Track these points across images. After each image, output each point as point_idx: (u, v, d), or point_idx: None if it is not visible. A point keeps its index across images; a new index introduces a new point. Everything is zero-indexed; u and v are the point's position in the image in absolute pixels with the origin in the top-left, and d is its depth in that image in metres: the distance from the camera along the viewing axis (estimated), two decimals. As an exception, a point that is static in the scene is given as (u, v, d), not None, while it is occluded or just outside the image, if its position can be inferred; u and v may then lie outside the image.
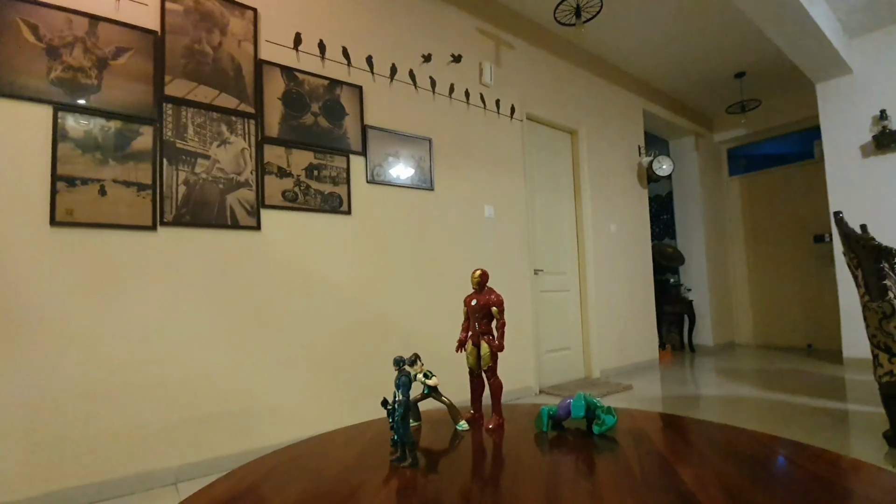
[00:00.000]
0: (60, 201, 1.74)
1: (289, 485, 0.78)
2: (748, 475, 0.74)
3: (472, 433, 1.03)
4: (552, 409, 1.04)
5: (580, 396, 1.02)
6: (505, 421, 1.08)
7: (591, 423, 1.00)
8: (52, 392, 1.69)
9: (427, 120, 2.93)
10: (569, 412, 1.02)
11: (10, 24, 1.70)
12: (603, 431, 0.97)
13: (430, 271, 2.83)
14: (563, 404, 1.03)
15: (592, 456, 0.86)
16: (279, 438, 2.16)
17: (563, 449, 0.91)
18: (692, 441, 0.92)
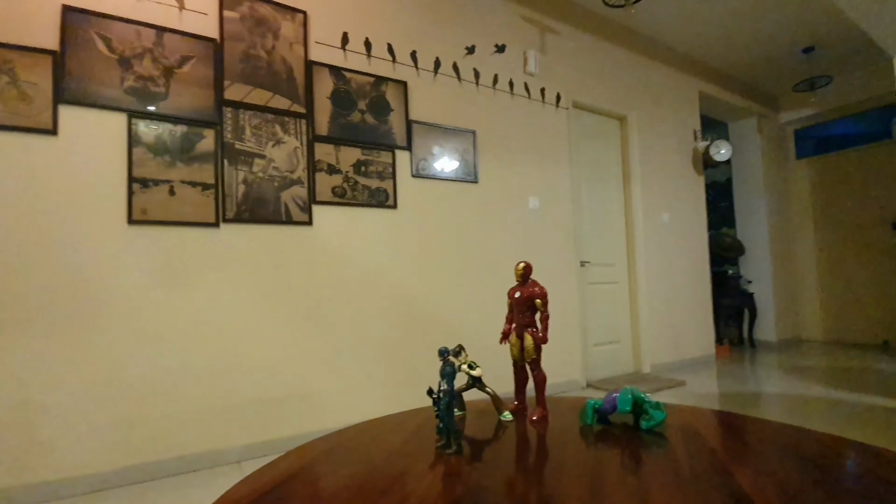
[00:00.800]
0: (136, 201, 1.90)
1: (341, 466, 0.83)
2: (811, 478, 0.71)
3: (515, 424, 1.04)
4: (597, 402, 1.03)
5: (627, 390, 1.01)
6: (549, 413, 1.08)
7: (638, 419, 0.99)
8: (130, 375, 1.87)
9: (471, 112, 2.94)
10: (615, 406, 1.01)
11: (87, 39, 1.87)
12: (651, 427, 0.96)
13: (474, 263, 2.84)
14: (608, 398, 1.03)
15: (639, 451, 0.85)
16: (330, 423, 2.27)
17: (608, 443, 0.90)
18: (749, 440, 0.89)
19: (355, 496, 0.71)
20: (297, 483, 0.77)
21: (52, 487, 1.71)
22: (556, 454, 0.87)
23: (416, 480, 0.75)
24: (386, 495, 0.70)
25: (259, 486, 0.77)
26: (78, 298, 1.80)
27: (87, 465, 1.78)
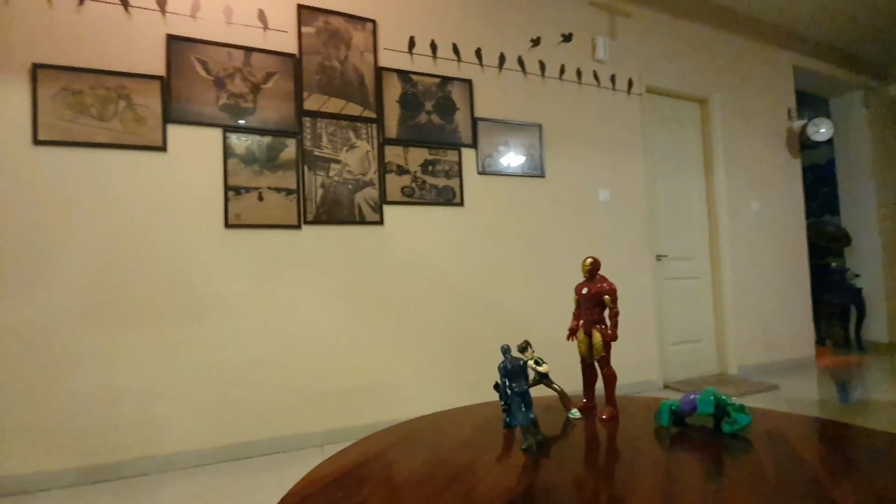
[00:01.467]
0: (231, 208, 2.12)
1: (412, 453, 0.88)
2: (917, 495, 0.64)
3: (584, 422, 1.04)
4: (674, 403, 1.00)
5: (708, 391, 0.96)
6: (620, 413, 1.06)
7: (719, 422, 0.94)
8: (227, 363, 2.09)
9: (537, 105, 2.90)
10: (694, 408, 0.96)
11: (188, 64, 2.10)
12: (734, 431, 0.91)
13: (541, 259, 2.82)
14: (686, 399, 0.99)
15: (720, 456, 0.82)
16: (402, 414, 2.38)
17: (685, 446, 0.87)
18: (849, 451, 0.82)
19: (426, 481, 0.76)
20: (372, 466, 0.84)
21: (166, 460, 1.97)
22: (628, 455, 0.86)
23: (483, 470, 0.79)
24: (455, 483, 0.74)
25: (339, 467, 0.84)
26: (184, 296, 2.04)
27: (192, 442, 2.02)
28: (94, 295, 1.92)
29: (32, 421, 1.81)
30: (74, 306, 1.89)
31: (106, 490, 1.80)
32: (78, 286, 1.90)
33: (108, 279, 1.94)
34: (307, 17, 2.33)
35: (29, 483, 1.78)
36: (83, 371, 1.88)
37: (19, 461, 1.79)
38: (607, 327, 1.08)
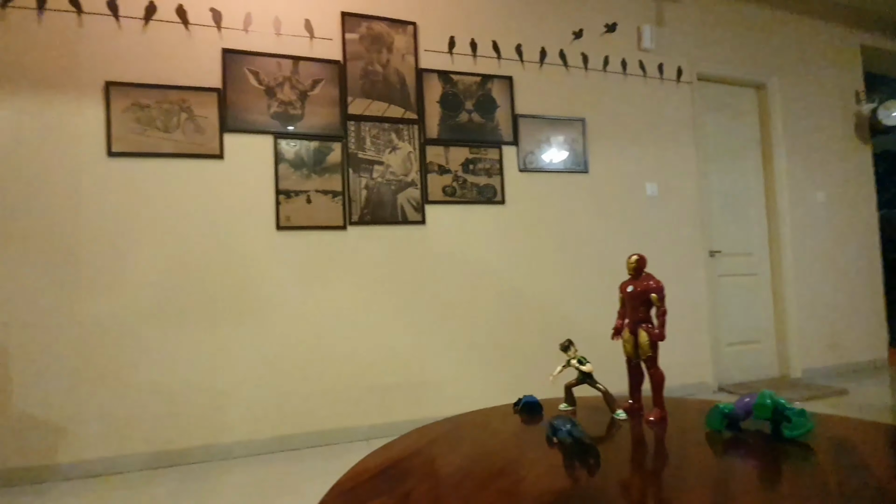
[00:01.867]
0: (282, 210, 2.23)
1: (455, 449, 0.90)
2: None
3: (630, 423, 1.02)
4: (728, 406, 0.96)
5: (765, 394, 0.91)
6: (668, 415, 1.04)
7: (777, 427, 0.89)
8: (281, 358, 2.20)
9: (579, 99, 2.84)
10: (749, 411, 0.92)
11: (241, 75, 2.22)
12: (795, 436, 0.86)
13: (585, 256, 2.76)
14: (741, 402, 0.94)
15: (777, 463, 0.78)
16: (445, 410, 2.41)
17: (739, 451, 0.84)
18: (920, 462, 0.76)
19: (468, 477, 0.78)
20: (416, 460, 0.86)
21: (226, 448, 2.10)
22: (677, 458, 0.84)
23: (525, 469, 0.79)
24: (497, 479, 0.76)
25: (384, 459, 0.87)
26: (240, 294, 2.17)
27: (249, 432, 2.14)
28: (162, 293, 2.08)
29: (110, 408, 1.99)
30: (145, 303, 2.05)
31: (173, 475, 1.94)
32: (148, 285, 2.06)
33: (174, 278, 2.09)
34: (351, 23, 2.40)
35: (108, 465, 1.96)
36: (153, 363, 2.05)
37: (99, 445, 1.97)
38: (654, 326, 1.06)
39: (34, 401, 1.91)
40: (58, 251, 1.98)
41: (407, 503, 0.68)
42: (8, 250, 1.92)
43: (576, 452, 0.83)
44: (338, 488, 0.75)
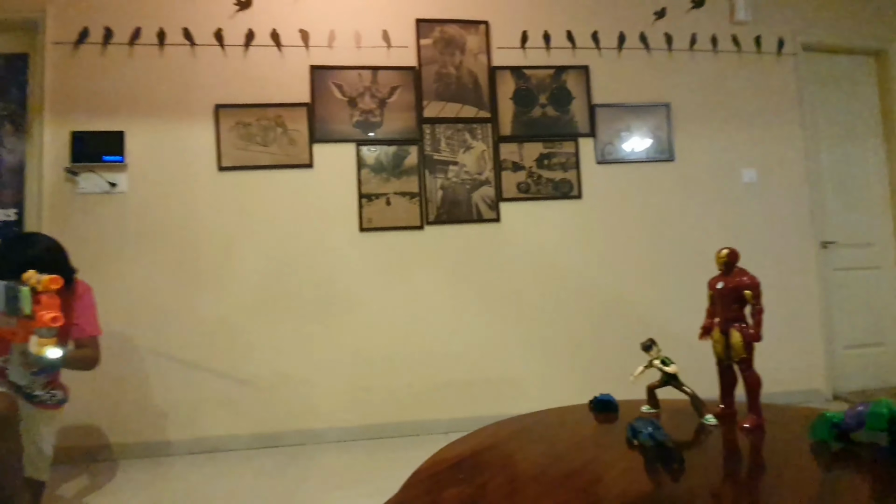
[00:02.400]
0: (364, 213, 2.38)
1: (530, 445, 0.92)
2: None
3: (721, 430, 0.96)
4: (837, 415, 0.87)
5: (881, 403, 0.81)
6: (766, 422, 0.96)
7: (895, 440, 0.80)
8: (365, 352, 2.35)
9: (663, 83, 2.67)
10: (862, 421, 0.83)
11: (327, 89, 2.40)
12: (917, 454, 0.77)
13: (671, 251, 2.60)
14: (852, 411, 0.85)
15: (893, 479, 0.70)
16: (522, 407, 2.38)
17: (847, 464, 0.77)
18: None
19: (545, 472, 0.79)
20: (492, 454, 0.89)
21: (318, 433, 2.29)
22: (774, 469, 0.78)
23: (602, 469, 0.79)
24: (572, 478, 0.76)
25: (461, 451, 0.91)
26: (328, 293, 2.35)
27: (338, 419, 2.31)
28: (262, 291, 2.31)
29: (223, 392, 2.26)
30: (249, 300, 2.30)
31: (273, 454, 2.16)
32: (251, 284, 2.31)
33: (273, 279, 2.32)
34: (424, 29, 2.48)
35: (221, 443, 2.24)
36: (256, 354, 2.29)
37: (214, 425, 2.25)
38: (749, 326, 0.99)
39: (159, 385, 2.23)
40: (179, 256, 2.28)
41: (483, 494, 0.72)
42: (143, 256, 2.26)
43: (658, 456, 0.81)
44: (418, 475, 0.81)
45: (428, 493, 0.74)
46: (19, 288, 1.33)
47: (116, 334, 2.20)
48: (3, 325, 1.35)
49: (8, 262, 1.50)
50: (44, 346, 1.30)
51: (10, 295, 1.33)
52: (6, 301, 1.33)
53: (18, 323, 1.36)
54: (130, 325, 2.22)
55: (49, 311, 1.31)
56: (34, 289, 1.33)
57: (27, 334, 1.33)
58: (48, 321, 1.30)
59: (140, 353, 2.23)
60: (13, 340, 1.36)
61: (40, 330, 1.31)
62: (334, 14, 2.44)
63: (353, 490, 1.74)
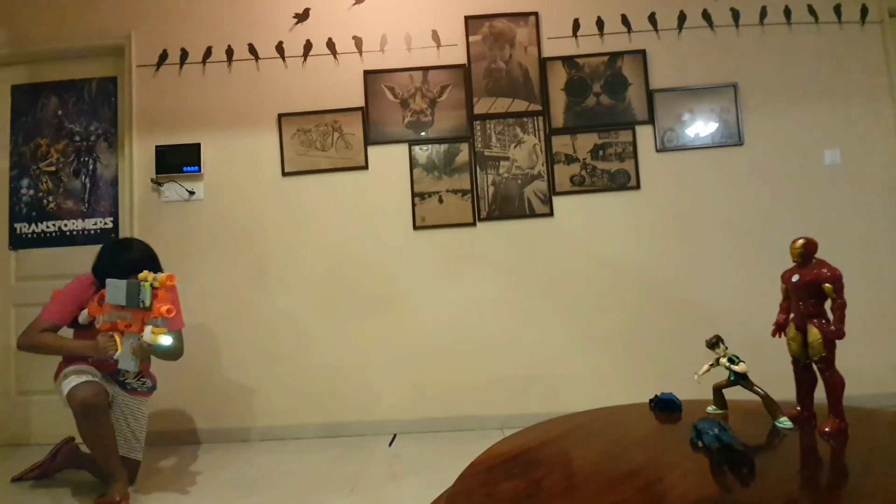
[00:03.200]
0: (417, 211, 2.43)
1: (587, 443, 0.91)
2: None
3: (798, 433, 0.90)
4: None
5: None
6: (849, 427, 0.89)
7: None
8: (421, 348, 2.40)
9: (729, 63, 2.49)
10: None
11: (379, 92, 2.47)
12: None
13: (740, 241, 2.42)
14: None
15: None
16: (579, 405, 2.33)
17: (947, 477, 0.70)
18: None
19: (602, 470, 0.78)
20: (547, 450, 0.89)
21: (377, 425, 2.37)
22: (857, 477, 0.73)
23: (663, 470, 0.77)
24: (633, 476, 0.75)
25: (516, 446, 0.92)
26: (385, 290, 2.42)
27: (396, 411, 2.39)
28: (325, 288, 2.44)
29: (290, 383, 2.41)
30: (311, 297, 2.43)
31: (337, 443, 2.27)
32: (314, 281, 2.44)
33: (334, 275, 2.44)
34: (474, 26, 2.48)
35: (288, 431, 2.38)
36: (319, 347, 2.42)
37: (283, 414, 2.40)
38: (829, 322, 0.92)
39: (236, 377, 2.42)
40: (249, 257, 2.46)
41: (538, 489, 0.72)
42: (218, 257, 2.46)
43: (724, 459, 0.78)
44: (473, 468, 0.83)
45: (483, 485, 0.76)
46: (142, 283, 1.52)
47: (197, 328, 2.41)
48: (115, 318, 1.54)
49: (114, 264, 1.72)
50: (157, 334, 1.49)
51: (133, 290, 1.52)
52: (127, 295, 1.51)
53: (134, 315, 1.54)
54: (209, 320, 2.42)
55: (164, 304, 1.50)
56: (152, 284, 1.52)
57: (142, 325, 1.51)
58: (164, 312, 1.50)
59: (218, 346, 2.43)
60: (127, 331, 1.54)
61: (155, 320, 1.51)
62: (385, 18, 2.50)
63: (410, 480, 1.80)
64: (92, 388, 1.61)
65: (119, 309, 1.54)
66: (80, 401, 1.58)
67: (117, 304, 1.54)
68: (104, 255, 1.78)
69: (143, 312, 1.53)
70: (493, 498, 0.71)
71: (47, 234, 2.58)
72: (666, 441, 0.91)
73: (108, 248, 1.80)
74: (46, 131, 2.62)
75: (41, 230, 2.59)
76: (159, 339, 1.50)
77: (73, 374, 1.65)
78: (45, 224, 2.59)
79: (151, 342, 1.49)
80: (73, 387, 1.60)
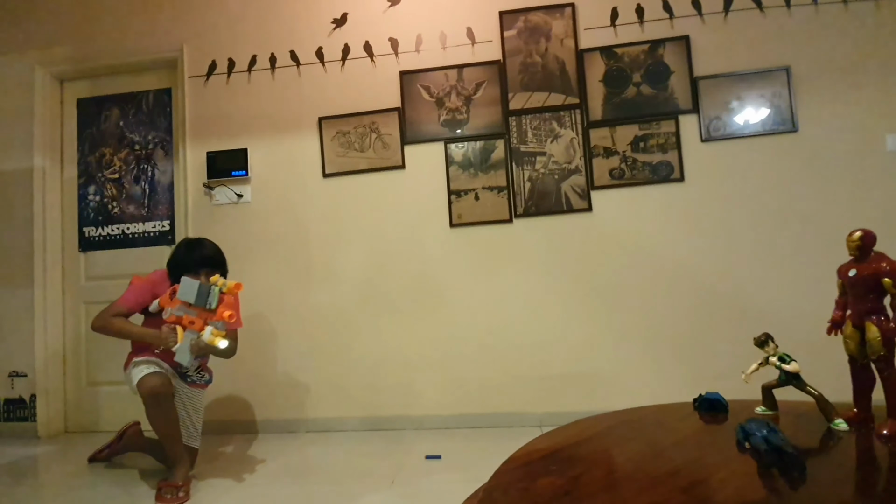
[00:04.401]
0: (454, 209, 2.45)
1: (628, 441, 0.90)
2: None
3: (854, 436, 0.86)
4: None
5: None
6: (913, 431, 0.84)
7: None
8: (459, 345, 2.43)
9: (780, 45, 2.36)
10: None
11: (415, 92, 2.50)
12: None
13: (792, 234, 2.29)
14: None
15: None
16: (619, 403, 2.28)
17: None
18: None
19: (642, 469, 0.78)
20: (587, 446, 0.89)
21: (418, 420, 2.42)
22: (920, 484, 0.69)
23: (709, 470, 0.75)
24: (675, 476, 0.74)
25: (554, 443, 0.93)
26: (422, 287, 2.46)
27: (434, 408, 2.42)
28: (366, 287, 2.50)
29: (334, 377, 2.49)
30: (353, 294, 2.51)
31: (378, 436, 2.34)
32: (355, 278, 2.51)
33: (374, 275, 2.50)
34: (508, 21, 2.46)
35: (332, 423, 2.47)
36: (361, 343, 2.49)
37: (326, 407, 2.49)
38: (888, 319, 0.87)
39: (283, 370, 2.53)
40: (293, 256, 2.56)
41: (577, 486, 0.73)
42: (265, 257, 2.57)
43: (774, 462, 0.75)
44: (511, 463, 0.84)
45: (520, 481, 0.77)
46: (212, 287, 1.63)
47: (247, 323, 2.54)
48: (181, 313, 1.66)
49: (188, 259, 1.86)
50: (216, 336, 1.59)
51: (203, 291, 1.63)
52: (198, 294, 1.63)
53: (199, 314, 1.65)
54: (258, 317, 2.55)
55: (228, 310, 1.61)
56: (221, 289, 1.63)
57: (204, 325, 1.62)
58: (226, 317, 1.61)
59: (267, 341, 2.55)
60: (189, 328, 1.65)
61: (216, 323, 1.62)
62: (420, 18, 2.53)
63: (447, 475, 1.83)
64: (160, 378, 1.75)
65: (187, 306, 1.64)
66: (149, 389, 1.71)
67: (186, 301, 1.64)
68: (179, 250, 1.92)
69: (208, 314, 1.63)
70: (530, 494, 0.72)
71: (112, 237, 2.79)
72: (710, 442, 0.89)
73: (183, 245, 1.95)
74: (109, 141, 2.83)
75: (106, 233, 2.80)
76: (217, 341, 1.59)
77: (143, 364, 1.79)
78: (110, 228, 2.80)
79: (209, 342, 1.59)
80: (143, 376, 1.74)
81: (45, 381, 2.68)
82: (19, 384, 2.70)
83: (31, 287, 2.69)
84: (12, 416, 2.70)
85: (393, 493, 1.69)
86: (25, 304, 2.70)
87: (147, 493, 1.81)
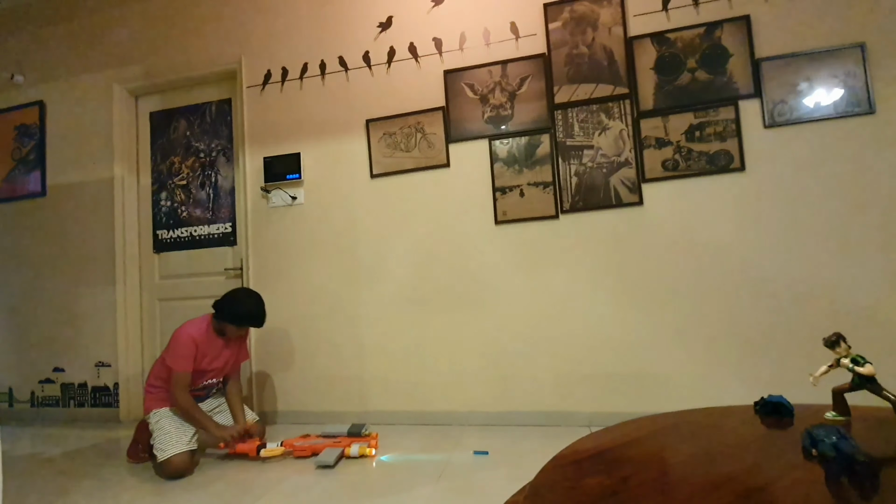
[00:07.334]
0: (498, 206, 2.44)
1: (682, 444, 0.87)
2: None
3: (940, 447, 0.79)
4: None
5: None
6: None
7: None
8: (502, 342, 2.42)
9: (853, 20, 2.16)
10: None
11: (459, 90, 2.51)
12: None
13: (867, 226, 2.09)
14: None
15: None
16: (673, 404, 2.21)
17: None
18: None
19: (696, 472, 0.75)
20: (637, 447, 0.87)
21: (463, 416, 2.44)
22: None
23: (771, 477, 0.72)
24: (733, 481, 0.71)
25: (603, 442, 0.91)
26: (467, 284, 2.48)
27: (480, 404, 2.43)
28: (410, 283, 2.55)
29: (381, 372, 2.57)
30: (399, 291, 2.57)
31: (425, 431, 2.38)
32: (403, 278, 2.57)
33: (420, 272, 2.54)
34: (553, 13, 2.42)
35: (381, 417, 2.55)
36: (407, 339, 2.54)
37: (380, 401, 2.57)
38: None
39: (337, 364, 2.63)
40: (344, 255, 2.66)
41: (626, 487, 0.72)
42: (318, 256, 2.69)
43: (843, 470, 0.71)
44: (557, 461, 0.84)
45: (566, 479, 0.77)
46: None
47: (302, 319, 2.67)
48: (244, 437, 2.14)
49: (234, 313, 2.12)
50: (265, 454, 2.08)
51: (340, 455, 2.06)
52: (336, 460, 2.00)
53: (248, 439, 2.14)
54: (311, 313, 2.67)
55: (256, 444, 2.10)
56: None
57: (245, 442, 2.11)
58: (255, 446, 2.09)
59: (320, 337, 2.66)
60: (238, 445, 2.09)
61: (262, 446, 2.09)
62: (463, 16, 2.54)
63: (494, 471, 1.84)
64: (185, 460, 1.94)
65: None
66: (172, 472, 1.91)
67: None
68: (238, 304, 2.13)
69: (261, 440, 2.16)
70: (577, 492, 0.72)
71: (181, 239, 3.02)
72: (773, 447, 0.84)
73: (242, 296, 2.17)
74: (178, 150, 3.06)
75: (177, 235, 3.03)
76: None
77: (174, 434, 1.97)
78: (180, 230, 3.03)
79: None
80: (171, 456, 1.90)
81: (126, 370, 2.96)
82: (104, 373, 2.99)
83: (112, 285, 2.98)
84: (98, 402, 2.99)
85: (440, 487, 1.72)
86: (108, 301, 2.99)
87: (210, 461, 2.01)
